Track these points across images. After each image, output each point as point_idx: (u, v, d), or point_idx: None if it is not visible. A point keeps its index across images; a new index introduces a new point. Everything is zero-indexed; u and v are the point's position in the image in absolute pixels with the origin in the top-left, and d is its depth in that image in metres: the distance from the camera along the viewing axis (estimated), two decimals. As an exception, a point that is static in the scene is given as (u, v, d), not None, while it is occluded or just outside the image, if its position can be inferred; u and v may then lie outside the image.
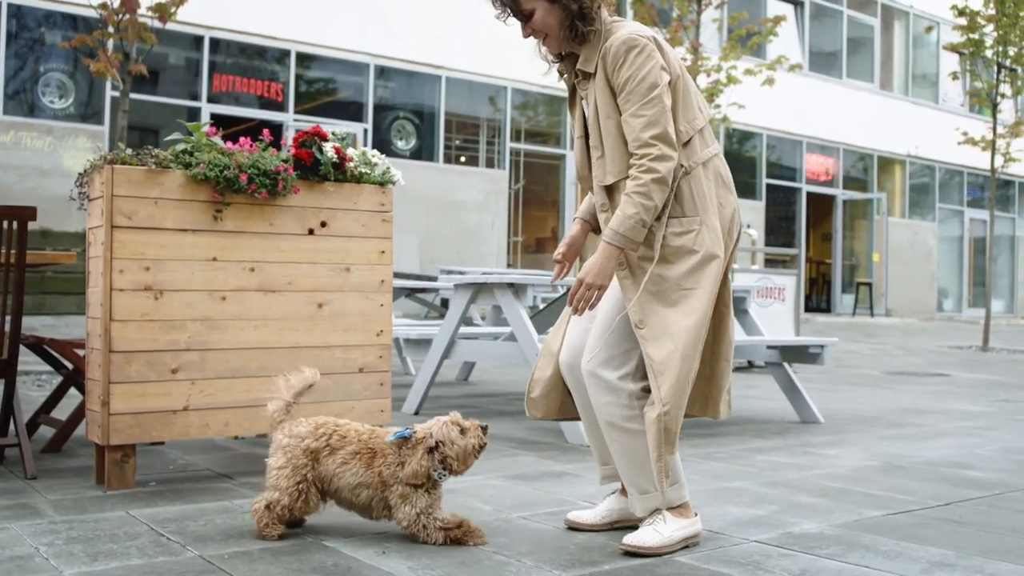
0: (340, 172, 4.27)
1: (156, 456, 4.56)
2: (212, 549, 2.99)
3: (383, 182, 4.40)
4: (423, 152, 16.37)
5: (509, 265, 17.10)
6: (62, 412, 5.17)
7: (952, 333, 18.66)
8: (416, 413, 6.14)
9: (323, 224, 4.22)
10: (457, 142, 17.03)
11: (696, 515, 3.20)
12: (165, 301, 3.84)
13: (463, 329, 6.68)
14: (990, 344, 15.33)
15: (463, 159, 17.10)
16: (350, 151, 4.35)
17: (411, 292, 9.87)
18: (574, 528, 3.33)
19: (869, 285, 22.16)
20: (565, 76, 3.29)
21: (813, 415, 6.31)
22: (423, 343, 6.80)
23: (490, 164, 17.22)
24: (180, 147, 3.99)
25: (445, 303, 11.17)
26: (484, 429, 3.12)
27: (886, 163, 23.59)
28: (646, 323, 3.01)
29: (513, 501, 3.76)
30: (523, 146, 17.62)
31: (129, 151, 3.89)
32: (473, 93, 17.03)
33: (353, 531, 3.24)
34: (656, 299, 3.03)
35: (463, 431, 3.09)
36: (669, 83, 3.04)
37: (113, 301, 3.74)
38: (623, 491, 3.32)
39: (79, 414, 4.56)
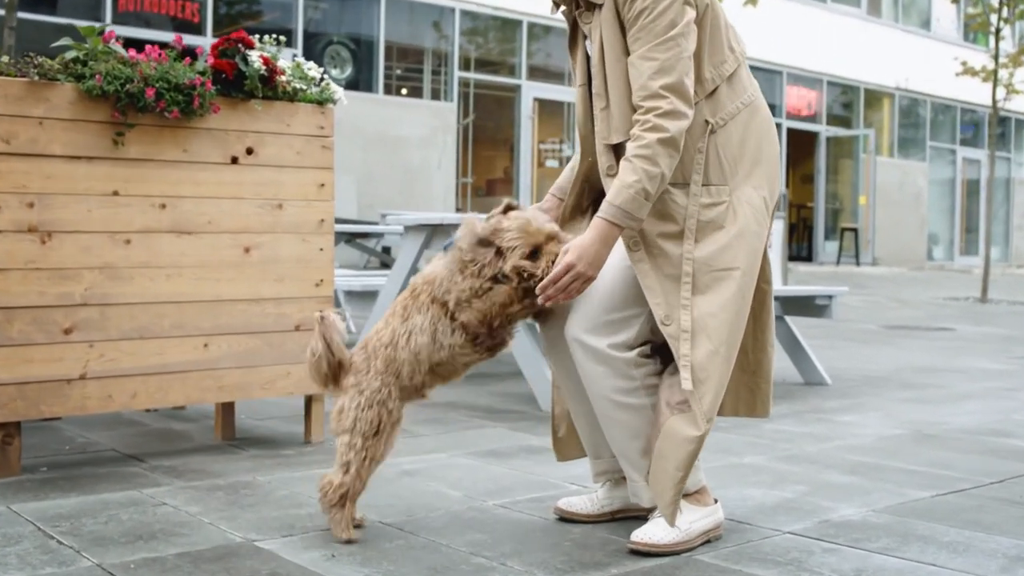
0: (269, 88, 3.90)
1: (48, 435, 4.15)
2: (114, 555, 2.60)
3: (322, 100, 4.04)
4: (360, 83, 15.85)
5: (458, 209, 16.69)
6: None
7: (945, 283, 18.67)
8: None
9: (249, 151, 3.85)
10: (399, 71, 16.55)
11: (716, 502, 2.88)
12: (55, 245, 3.46)
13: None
14: (989, 295, 15.26)
15: (405, 90, 16.63)
16: (282, 63, 3.95)
17: (350, 238, 9.46)
18: (567, 519, 3.00)
19: (855, 231, 22.06)
20: (564, 8, 2.88)
21: (819, 375, 6.03)
22: (367, 296, 6.43)
23: (436, 96, 16.75)
24: (71, 55, 3.57)
25: (387, 250, 10.81)
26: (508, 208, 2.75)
27: (873, 97, 23.43)
28: (673, 318, 2.65)
29: (487, 485, 3.42)
30: (473, 76, 17.15)
31: (6, 59, 3.45)
32: (416, 15, 16.50)
33: (294, 527, 2.86)
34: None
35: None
36: (695, 19, 2.66)
37: (-12, 245, 3.34)
38: (623, 477, 2.97)
39: (-47, 384, 4.13)
